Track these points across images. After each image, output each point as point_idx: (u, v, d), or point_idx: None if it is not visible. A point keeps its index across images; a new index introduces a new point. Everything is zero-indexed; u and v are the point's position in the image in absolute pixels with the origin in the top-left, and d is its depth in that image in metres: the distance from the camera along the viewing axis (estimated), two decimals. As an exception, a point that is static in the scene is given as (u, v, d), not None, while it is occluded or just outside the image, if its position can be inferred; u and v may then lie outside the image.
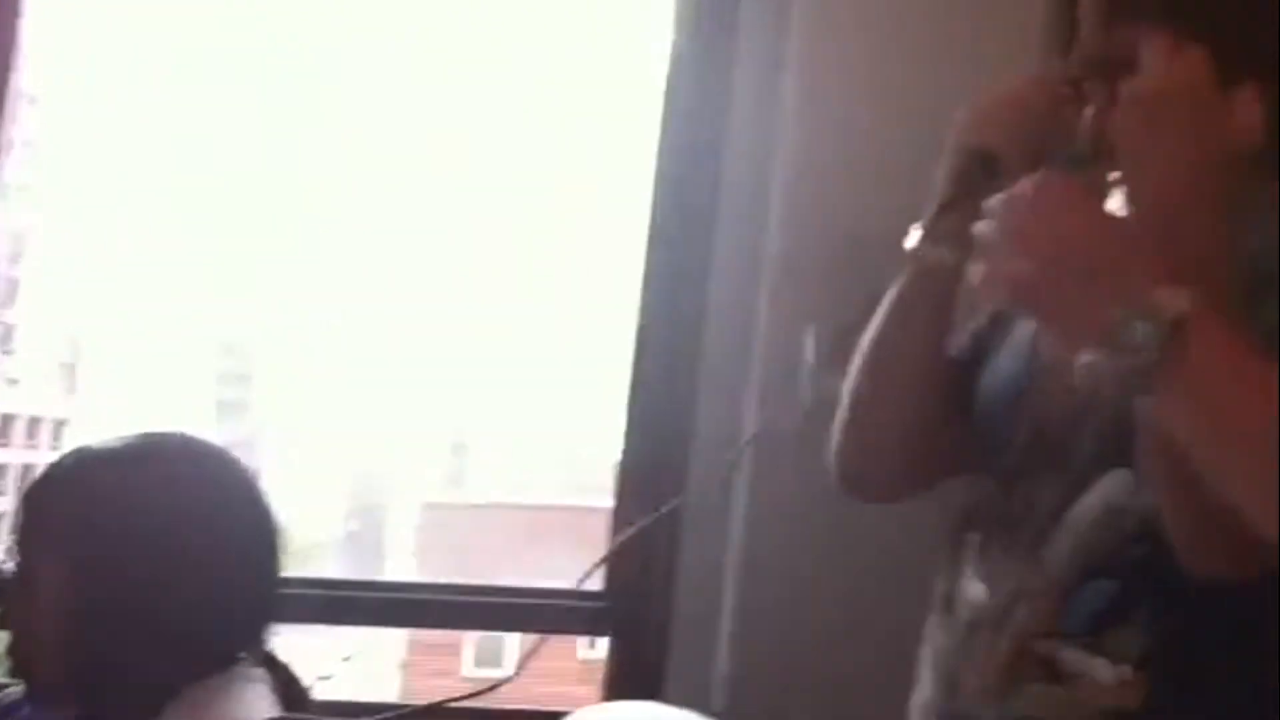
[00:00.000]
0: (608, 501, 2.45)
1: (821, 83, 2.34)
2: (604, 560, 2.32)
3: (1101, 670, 1.26)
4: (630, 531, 2.07)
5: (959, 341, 1.50)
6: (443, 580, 2.81)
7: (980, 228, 1.17)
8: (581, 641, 7.46)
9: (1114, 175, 1.28)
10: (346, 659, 14.69)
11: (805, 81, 2.34)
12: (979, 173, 1.35)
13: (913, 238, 1.40)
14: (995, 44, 2.19)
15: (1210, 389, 1.06)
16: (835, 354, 1.88)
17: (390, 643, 14.21)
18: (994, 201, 1.17)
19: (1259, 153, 1.24)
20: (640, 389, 2.39)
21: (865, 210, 2.28)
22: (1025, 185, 1.16)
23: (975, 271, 1.17)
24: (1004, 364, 1.45)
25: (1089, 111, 1.31)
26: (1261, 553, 1.10)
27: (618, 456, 2.42)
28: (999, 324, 1.50)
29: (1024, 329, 1.44)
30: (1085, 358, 1.11)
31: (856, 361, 1.50)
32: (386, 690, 13.04)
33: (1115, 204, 1.26)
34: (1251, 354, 1.07)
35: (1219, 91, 1.20)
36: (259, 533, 1.64)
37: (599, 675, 2.41)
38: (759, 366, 2.28)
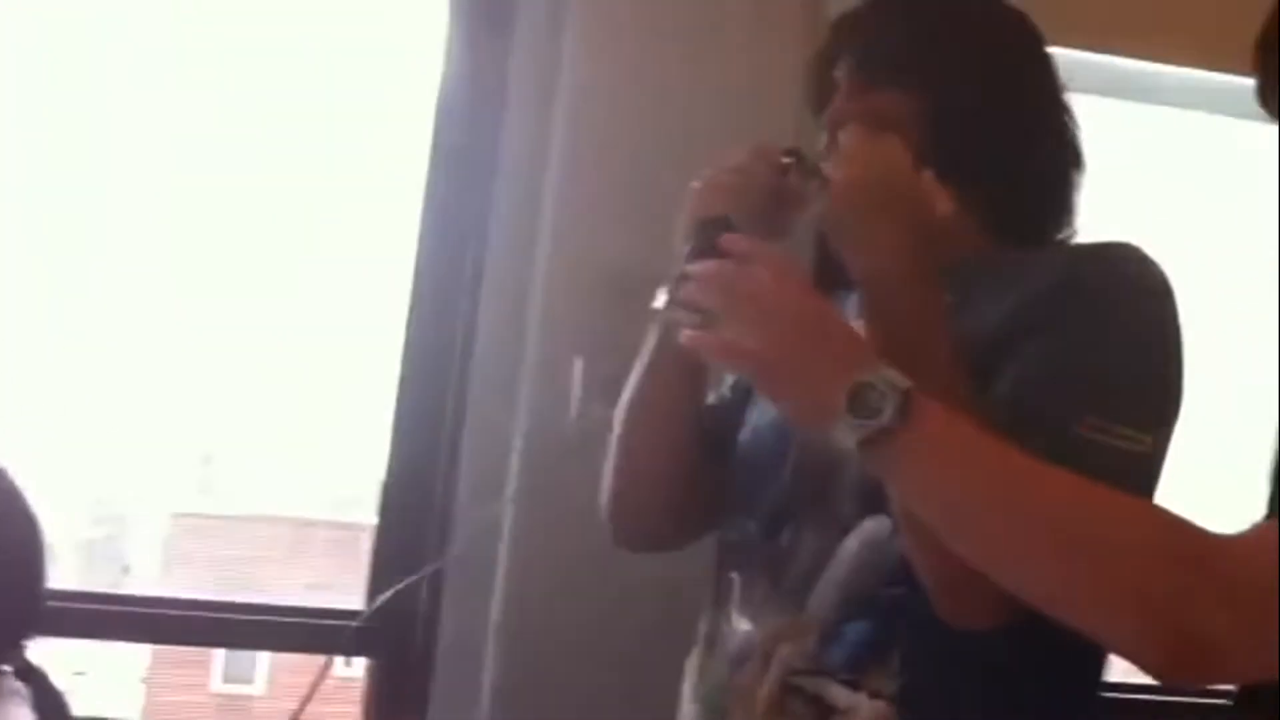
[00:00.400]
0: (372, 517, 2.45)
1: (591, 114, 2.39)
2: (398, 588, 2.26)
3: (861, 706, 1.34)
4: (408, 580, 2.05)
5: (720, 393, 1.58)
6: (192, 594, 2.74)
7: (700, 292, 1.20)
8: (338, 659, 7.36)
9: None
10: (79, 674, 14.16)
11: (575, 110, 2.38)
12: (713, 239, 1.43)
13: (660, 299, 1.48)
14: (759, 79, 2.28)
15: (942, 455, 1.11)
16: (606, 385, 1.94)
17: (131, 657, 13.77)
18: (711, 268, 1.20)
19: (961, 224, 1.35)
20: (405, 408, 2.39)
21: (633, 239, 2.35)
22: (748, 253, 1.20)
23: (701, 339, 1.19)
24: (766, 410, 1.52)
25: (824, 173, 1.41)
26: (1006, 603, 1.17)
27: (382, 473, 2.43)
28: None
29: None
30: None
31: (619, 416, 1.57)
32: (127, 707, 12.61)
33: None
34: (973, 424, 1.13)
35: (911, 174, 1.30)
36: (21, 541, 1.61)
37: (354, 694, 2.39)
38: (527, 388, 2.31)
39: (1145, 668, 1.07)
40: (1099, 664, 1.43)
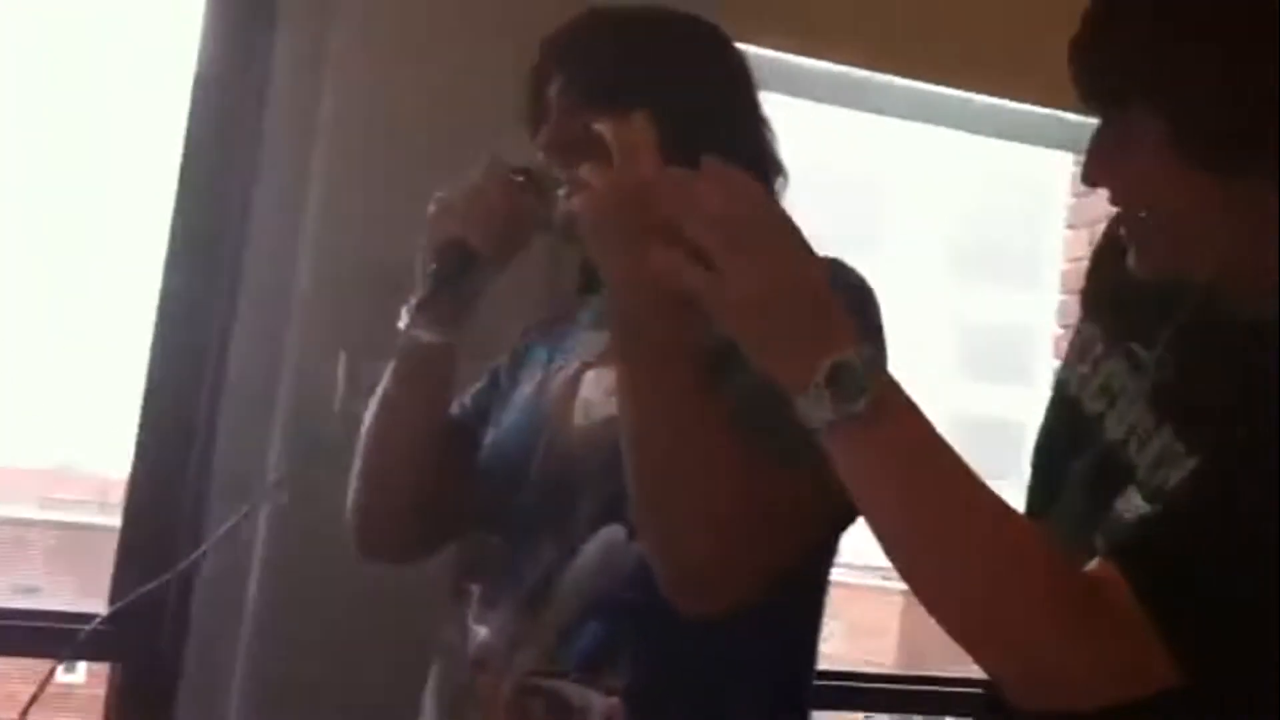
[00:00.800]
0: (113, 520, 2.37)
1: (356, 109, 2.36)
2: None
3: (594, 702, 1.39)
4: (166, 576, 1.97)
5: (461, 403, 1.59)
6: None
7: (709, 233, 1.12)
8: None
9: None
10: None
11: (339, 105, 2.35)
12: (455, 262, 1.48)
13: (405, 318, 1.49)
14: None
15: (895, 456, 1.11)
16: (370, 382, 1.92)
17: None
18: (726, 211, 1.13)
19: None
20: (154, 405, 2.31)
21: (398, 236, 2.31)
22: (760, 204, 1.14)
23: (697, 279, 1.13)
24: (508, 424, 1.56)
25: (561, 195, 1.43)
26: (737, 591, 1.27)
27: (127, 476, 2.35)
28: (498, 386, 1.60)
29: (526, 390, 1.53)
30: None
31: (364, 431, 1.58)
32: None
33: None
34: (932, 430, 1.13)
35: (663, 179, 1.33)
36: None
37: (78, 701, 2.31)
38: (286, 391, 2.27)
39: (1006, 694, 1.14)
40: (811, 657, 1.51)
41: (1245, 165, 1.15)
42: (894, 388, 1.11)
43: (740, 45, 1.62)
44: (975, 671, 1.20)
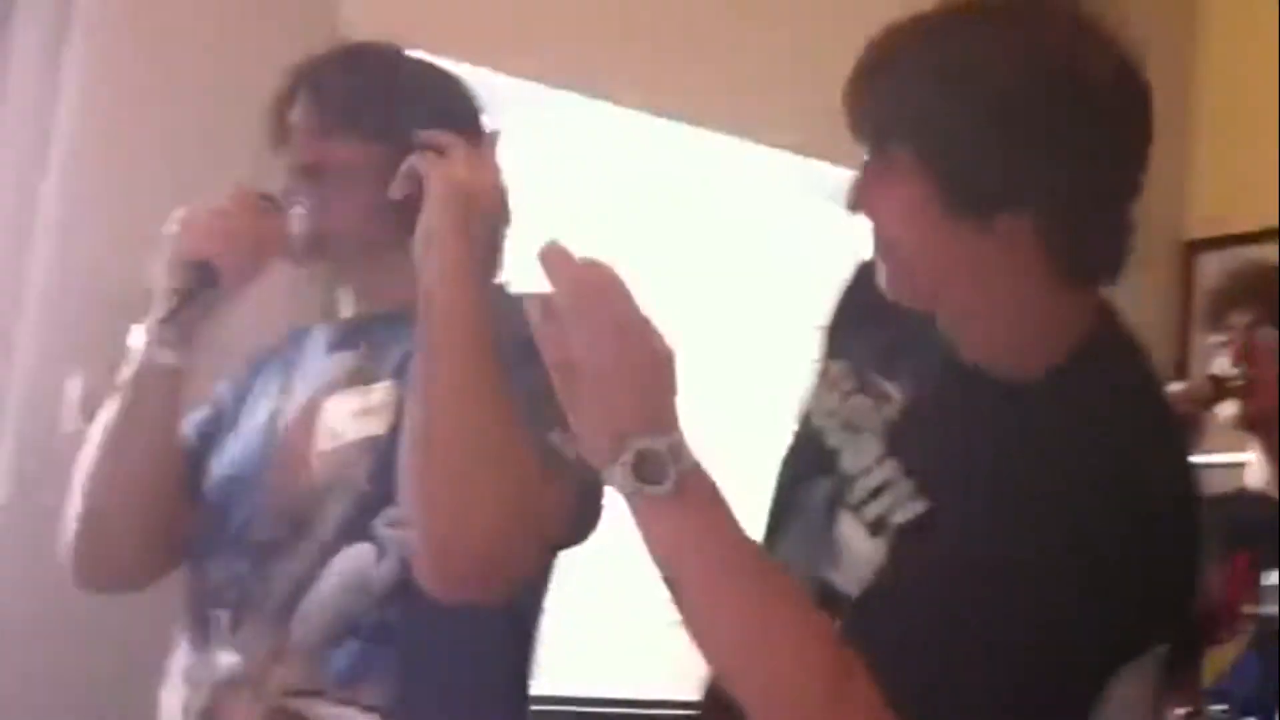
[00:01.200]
0: None
1: (95, 125, 2.33)
2: None
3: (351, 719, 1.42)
4: None
5: (185, 431, 1.60)
6: None
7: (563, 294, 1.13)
8: None
9: None
10: None
11: (77, 121, 2.32)
12: (197, 282, 1.50)
13: (137, 336, 1.50)
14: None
15: (692, 536, 1.13)
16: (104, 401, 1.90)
17: None
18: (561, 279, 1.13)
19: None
20: None
21: (135, 255, 2.28)
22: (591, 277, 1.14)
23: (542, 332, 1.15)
24: (241, 452, 1.57)
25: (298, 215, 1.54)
26: (492, 579, 1.35)
27: None
28: (223, 414, 1.62)
29: (259, 418, 1.56)
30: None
31: (87, 453, 1.56)
32: None
33: None
34: (730, 516, 1.15)
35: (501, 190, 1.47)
36: None
37: None
38: (17, 400, 2.22)
39: None
40: (533, 658, 1.56)
41: (997, 216, 1.20)
42: (699, 473, 1.13)
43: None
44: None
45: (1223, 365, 2.27)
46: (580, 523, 1.45)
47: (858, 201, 1.26)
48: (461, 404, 1.36)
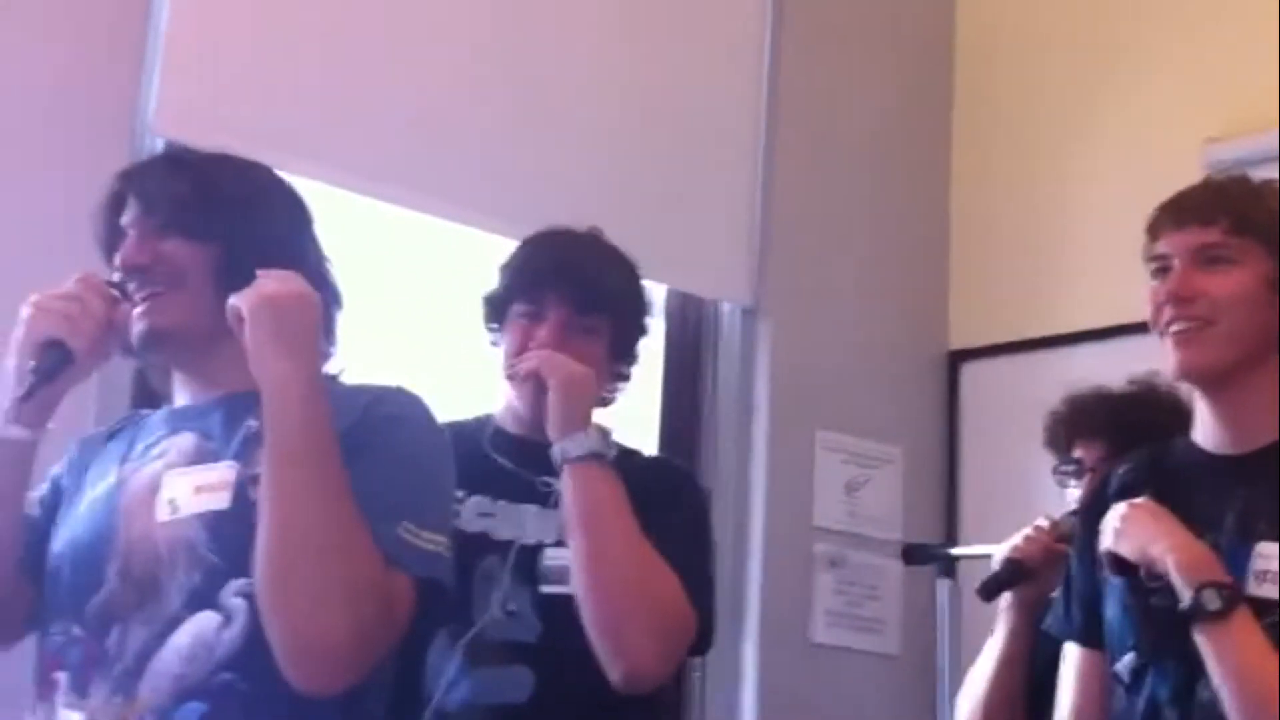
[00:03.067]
0: None
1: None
2: None
3: None
4: None
5: (29, 505, 1.67)
6: None
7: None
8: None
9: None
10: None
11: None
12: (54, 362, 1.60)
13: None
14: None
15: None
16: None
17: None
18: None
19: None
20: None
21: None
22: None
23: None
24: (81, 522, 1.64)
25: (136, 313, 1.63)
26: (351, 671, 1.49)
27: None
28: (61, 491, 1.71)
29: (97, 491, 1.64)
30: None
31: None
32: None
33: None
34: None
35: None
36: None
37: None
38: None
39: None
40: None
41: None
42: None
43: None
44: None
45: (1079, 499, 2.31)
46: (424, 606, 1.56)
47: None
48: (310, 510, 1.48)
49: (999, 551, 2.32)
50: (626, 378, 2.09)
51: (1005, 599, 2.29)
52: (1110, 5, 3.72)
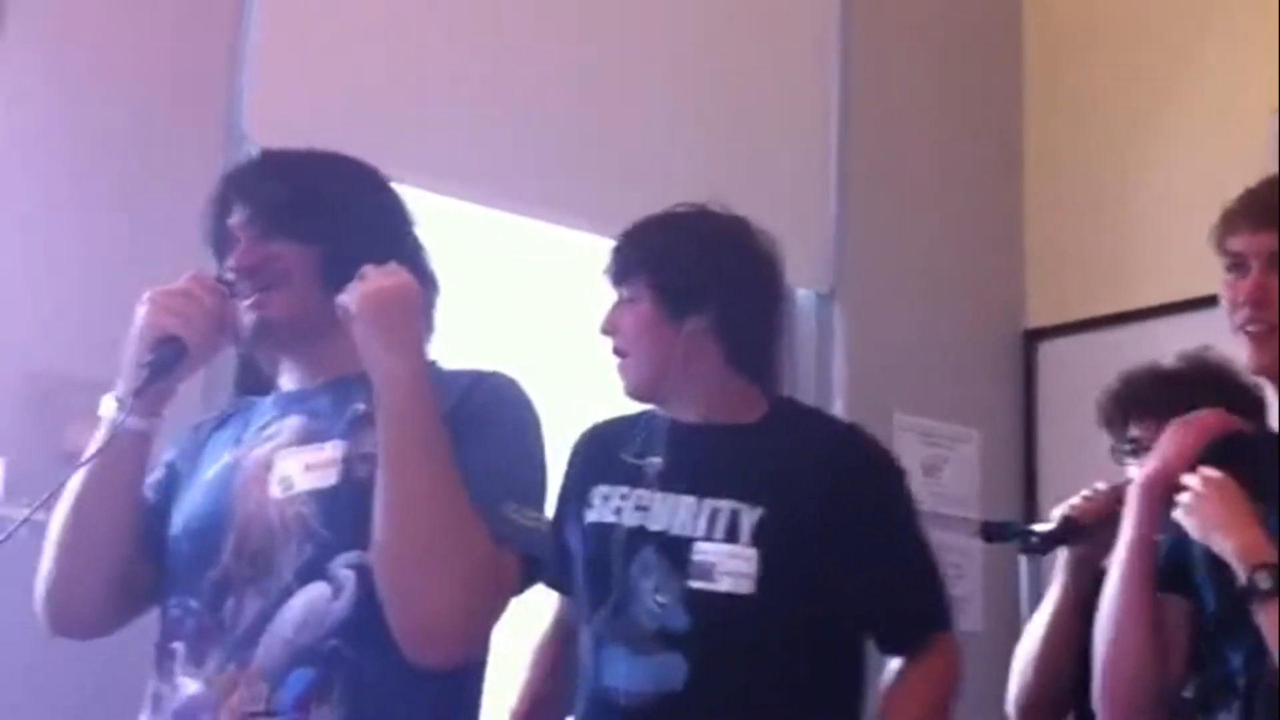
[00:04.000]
0: None
1: (14, 218, 2.48)
2: None
3: None
4: None
5: (145, 489, 1.76)
6: None
7: None
8: None
9: None
10: None
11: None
12: (170, 356, 1.68)
13: (108, 406, 1.67)
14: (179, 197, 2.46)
15: None
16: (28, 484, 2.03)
17: None
18: None
19: None
20: None
21: (57, 345, 2.45)
22: None
23: None
24: (197, 503, 1.72)
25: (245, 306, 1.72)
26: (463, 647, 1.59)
27: None
28: (177, 474, 1.80)
29: (210, 473, 1.73)
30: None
31: (59, 515, 1.70)
32: None
33: None
34: None
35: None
36: None
37: None
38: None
39: None
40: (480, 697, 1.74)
41: None
42: None
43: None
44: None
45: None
46: (526, 582, 1.65)
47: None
48: (422, 496, 1.55)
49: (1057, 510, 2.37)
50: (741, 356, 2.16)
51: (1061, 556, 2.34)
52: (1180, -17, 3.74)
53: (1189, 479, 1.87)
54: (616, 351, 2.15)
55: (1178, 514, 1.86)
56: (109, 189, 2.59)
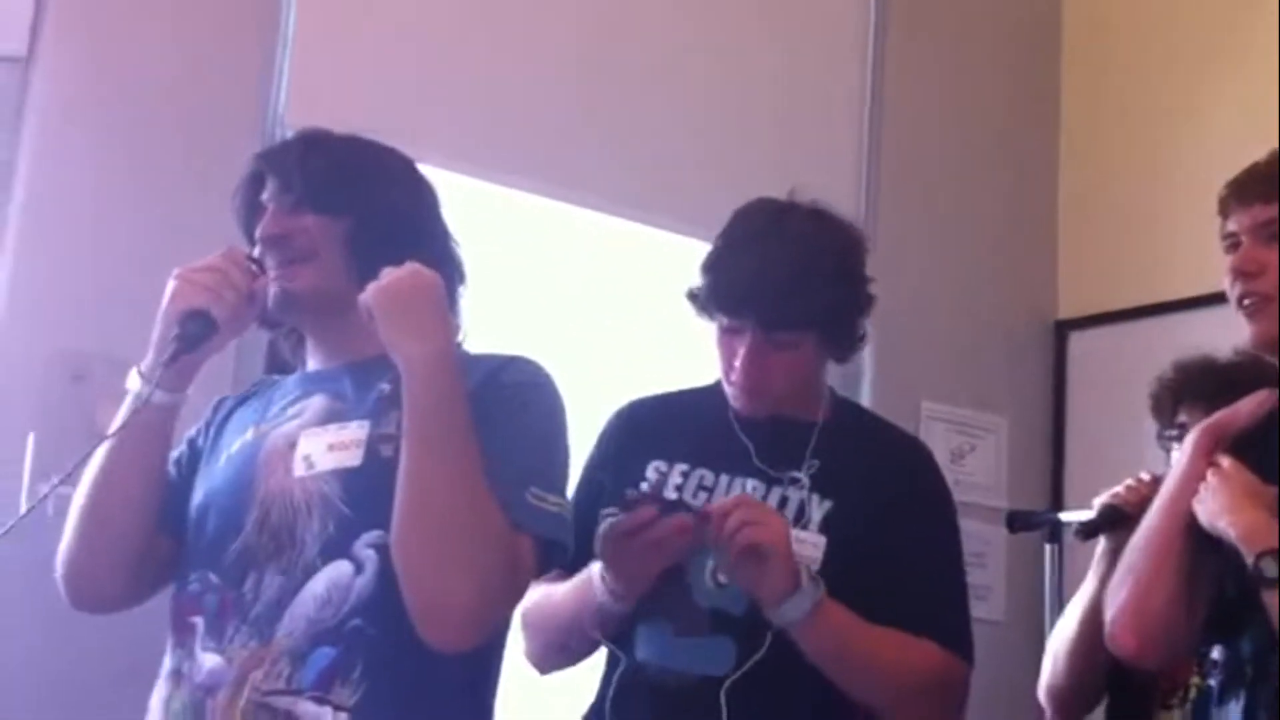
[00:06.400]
0: None
1: (47, 199, 2.51)
2: None
3: (326, 718, 1.58)
4: None
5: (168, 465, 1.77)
6: None
7: None
8: None
9: None
10: None
11: (30, 195, 2.50)
12: (198, 330, 1.69)
13: (134, 380, 1.68)
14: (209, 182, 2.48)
15: None
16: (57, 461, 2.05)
17: None
18: None
19: None
20: None
21: (85, 323, 2.48)
22: None
23: None
24: (220, 478, 1.74)
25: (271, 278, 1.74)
26: (478, 630, 1.60)
27: None
28: (199, 452, 1.81)
29: (233, 449, 1.75)
30: None
31: (83, 489, 1.72)
32: None
33: None
34: None
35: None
36: None
37: None
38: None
39: None
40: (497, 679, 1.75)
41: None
42: None
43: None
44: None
45: None
46: (545, 567, 1.67)
47: None
48: (442, 481, 1.57)
49: (1100, 498, 2.36)
50: (845, 360, 2.11)
51: (1100, 546, 2.34)
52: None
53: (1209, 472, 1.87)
54: None
55: (1194, 503, 1.86)
56: (145, 173, 2.61)
